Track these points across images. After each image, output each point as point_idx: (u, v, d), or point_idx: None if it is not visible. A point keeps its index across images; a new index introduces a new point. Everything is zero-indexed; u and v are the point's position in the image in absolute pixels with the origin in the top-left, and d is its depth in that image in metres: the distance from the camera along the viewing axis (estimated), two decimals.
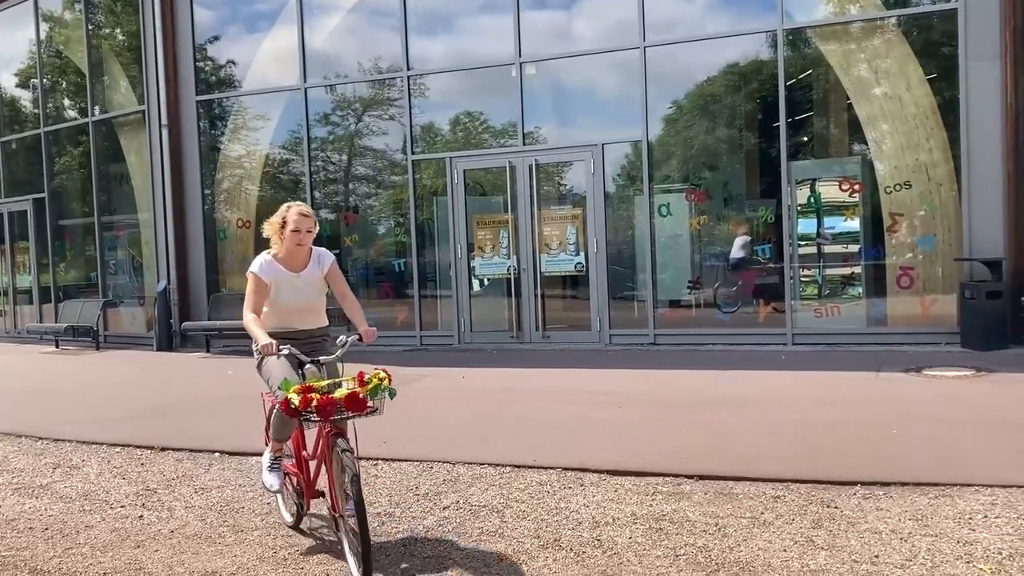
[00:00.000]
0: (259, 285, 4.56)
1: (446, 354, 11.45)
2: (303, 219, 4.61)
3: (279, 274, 4.63)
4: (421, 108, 12.75)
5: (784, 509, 4.70)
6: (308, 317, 4.75)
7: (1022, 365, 8.48)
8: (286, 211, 4.66)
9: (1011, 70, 9.54)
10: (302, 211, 4.63)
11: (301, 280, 4.69)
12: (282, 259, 4.65)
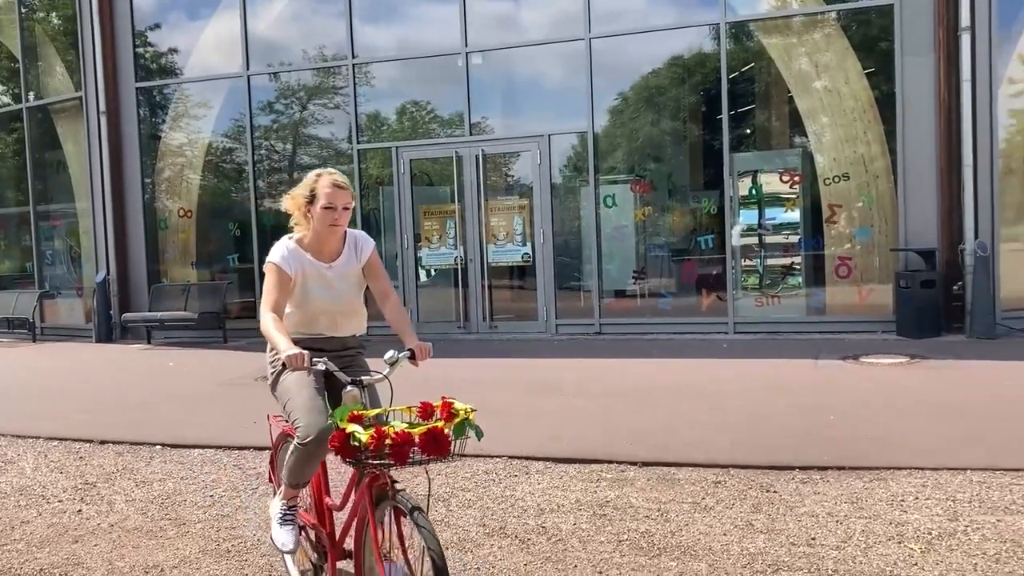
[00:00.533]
0: (282, 279, 3.56)
1: (393, 344, 11.38)
2: (339, 192, 3.56)
3: (307, 265, 3.62)
4: (367, 97, 12.66)
5: (725, 494, 4.80)
6: (342, 322, 3.73)
7: (954, 352, 8.75)
8: (315, 181, 3.61)
9: (944, 66, 9.81)
10: (336, 181, 3.59)
11: (334, 273, 3.67)
12: (309, 245, 3.65)
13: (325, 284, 3.67)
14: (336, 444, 2.92)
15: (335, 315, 3.72)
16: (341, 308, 3.72)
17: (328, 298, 3.68)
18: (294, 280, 3.60)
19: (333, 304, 3.70)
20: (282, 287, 3.58)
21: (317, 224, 3.59)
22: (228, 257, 13.49)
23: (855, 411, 6.47)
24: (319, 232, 3.62)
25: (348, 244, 3.72)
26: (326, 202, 3.56)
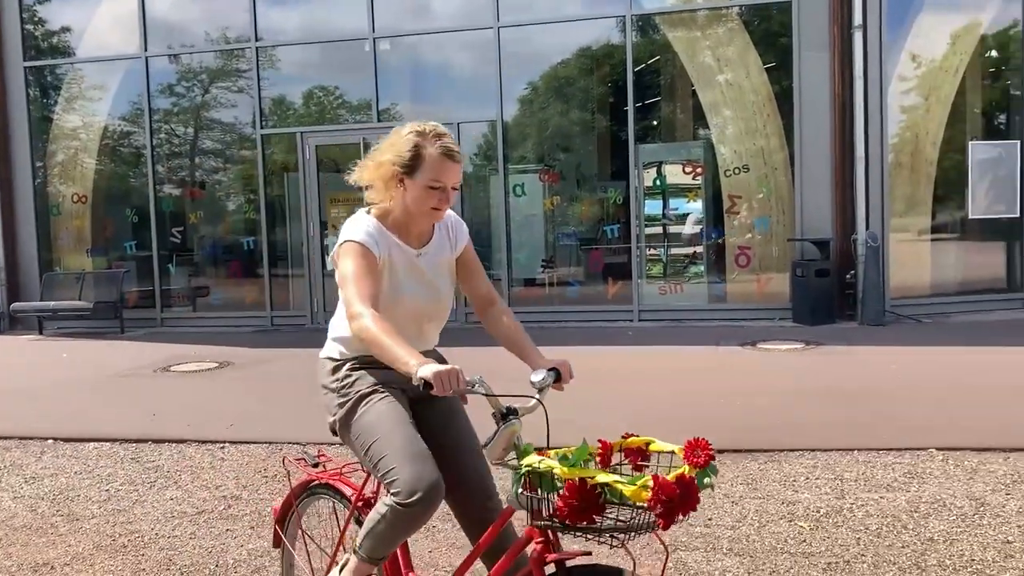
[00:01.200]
0: (371, 262, 2.56)
1: (299, 335, 11.24)
2: (451, 167, 2.58)
3: (394, 249, 2.65)
4: (272, 81, 12.38)
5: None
6: (430, 331, 2.81)
7: (846, 338, 9.13)
8: (419, 141, 2.58)
9: (838, 62, 10.18)
10: (451, 149, 2.59)
11: (426, 261, 2.72)
12: (393, 224, 2.66)
13: (418, 277, 2.70)
14: (573, 499, 2.04)
15: (424, 321, 2.75)
16: (437, 310, 2.76)
17: (423, 297, 2.70)
18: (381, 266, 2.61)
19: (427, 304, 2.72)
20: (372, 270, 2.56)
21: (412, 203, 2.60)
22: (126, 244, 13.03)
23: (752, 396, 6.69)
24: (412, 213, 2.63)
25: (438, 225, 2.77)
26: (433, 178, 2.56)
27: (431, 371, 2.20)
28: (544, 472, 2.11)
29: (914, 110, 10.79)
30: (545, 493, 2.12)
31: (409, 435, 2.50)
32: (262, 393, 7.68)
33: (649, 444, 2.28)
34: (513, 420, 2.32)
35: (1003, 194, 10.75)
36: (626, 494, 2.01)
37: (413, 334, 2.68)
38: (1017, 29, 10.75)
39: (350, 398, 2.62)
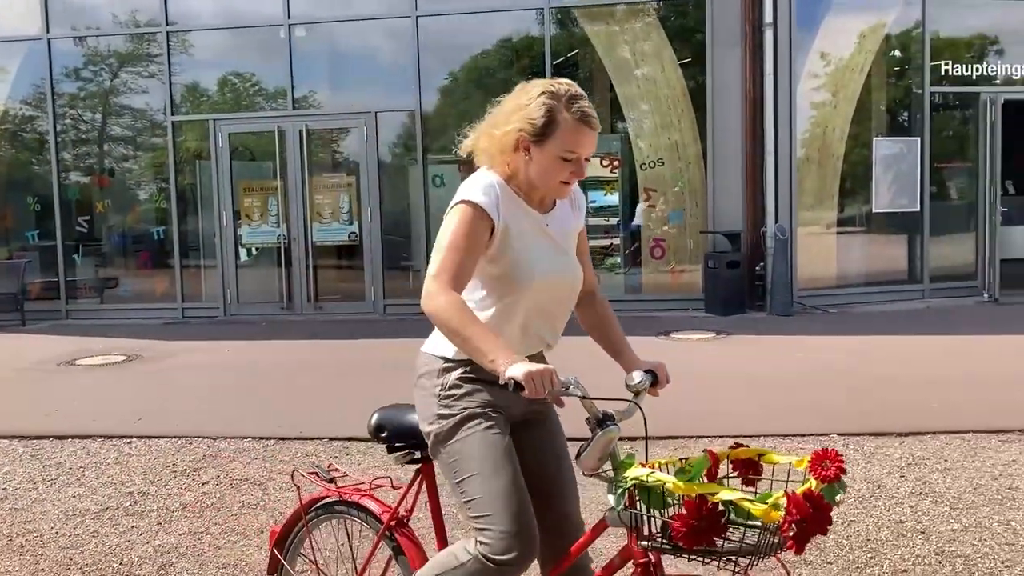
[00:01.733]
0: (478, 231, 2.15)
1: (211, 327, 10.99)
2: (588, 136, 2.19)
3: (520, 212, 2.24)
4: (184, 67, 12.03)
5: None
6: (560, 320, 2.39)
7: (755, 328, 9.38)
8: (550, 101, 2.19)
9: (750, 59, 10.43)
10: (588, 114, 2.19)
11: (555, 230, 2.33)
12: (516, 187, 2.27)
13: (551, 248, 2.28)
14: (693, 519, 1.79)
15: (558, 306, 2.33)
16: (573, 291, 2.36)
17: (558, 272, 2.28)
18: (497, 236, 2.17)
19: (564, 282, 2.31)
20: (477, 245, 2.13)
21: (537, 175, 2.21)
22: (27, 234, 12.51)
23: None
24: (534, 185, 2.25)
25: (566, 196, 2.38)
26: (567, 148, 2.17)
27: (523, 371, 1.91)
28: (653, 487, 1.88)
29: (823, 106, 11.11)
30: (653, 510, 1.89)
31: (514, 481, 2.17)
32: (172, 387, 7.50)
33: (762, 455, 2.03)
34: (611, 426, 2.04)
35: (905, 189, 11.18)
36: (755, 514, 1.77)
37: (543, 326, 2.32)
38: (919, 31, 11.17)
39: (455, 415, 2.23)
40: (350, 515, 2.69)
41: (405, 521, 2.57)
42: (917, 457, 4.95)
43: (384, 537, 2.57)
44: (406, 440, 2.50)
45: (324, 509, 2.74)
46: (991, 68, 11.45)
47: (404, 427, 2.51)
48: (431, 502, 2.56)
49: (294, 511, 2.81)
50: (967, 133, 11.65)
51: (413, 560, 2.51)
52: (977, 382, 6.66)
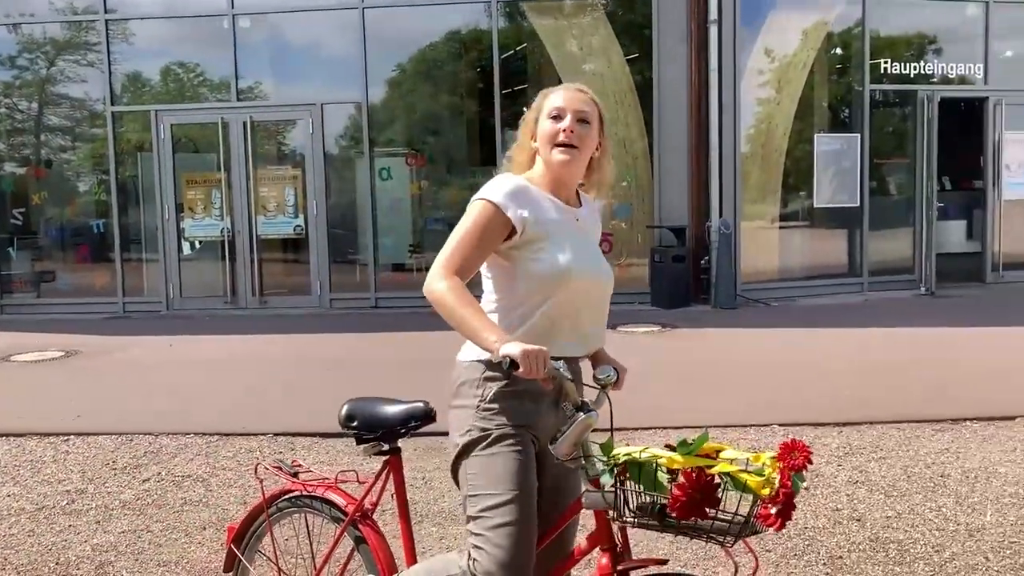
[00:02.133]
0: (493, 227, 2.21)
1: (153, 321, 10.79)
2: (570, 93, 2.34)
3: (548, 207, 2.29)
4: (125, 56, 11.76)
5: None
6: (599, 320, 2.40)
7: (699, 321, 9.51)
8: (542, 97, 2.39)
9: (695, 55, 10.55)
10: (571, 85, 2.40)
11: (586, 225, 2.40)
12: (541, 183, 2.34)
13: (584, 241, 2.32)
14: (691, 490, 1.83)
15: (595, 306, 2.34)
16: (607, 288, 2.36)
17: (593, 267, 2.31)
18: (521, 233, 2.21)
19: (598, 278, 2.32)
20: (486, 241, 2.20)
21: (542, 149, 2.31)
22: None
23: None
24: (550, 167, 2.30)
25: (586, 202, 2.46)
26: (552, 107, 2.31)
27: (519, 349, 1.96)
28: (645, 463, 1.88)
29: (767, 103, 11.29)
30: (640, 487, 1.91)
31: (524, 511, 2.16)
32: (112, 383, 7.36)
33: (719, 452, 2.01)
34: (591, 412, 2.06)
35: (845, 184, 11.41)
36: (751, 485, 1.83)
37: (582, 326, 2.29)
38: (860, 29, 11.41)
39: (489, 432, 2.20)
40: (313, 509, 2.67)
41: (370, 514, 2.58)
42: (854, 446, 5.07)
43: (348, 529, 2.56)
44: (375, 431, 2.51)
45: (287, 503, 2.72)
46: (929, 66, 11.75)
47: (374, 418, 2.53)
48: (398, 495, 2.54)
49: (255, 506, 2.78)
50: (905, 130, 11.93)
51: (376, 551, 2.51)
52: (913, 373, 6.84)
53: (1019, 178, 11.92)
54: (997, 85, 11.76)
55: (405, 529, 2.52)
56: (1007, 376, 6.61)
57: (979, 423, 5.46)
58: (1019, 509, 4.10)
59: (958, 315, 9.59)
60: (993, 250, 11.89)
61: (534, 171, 2.35)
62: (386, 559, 2.51)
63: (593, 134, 2.31)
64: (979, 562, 3.57)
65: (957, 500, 4.23)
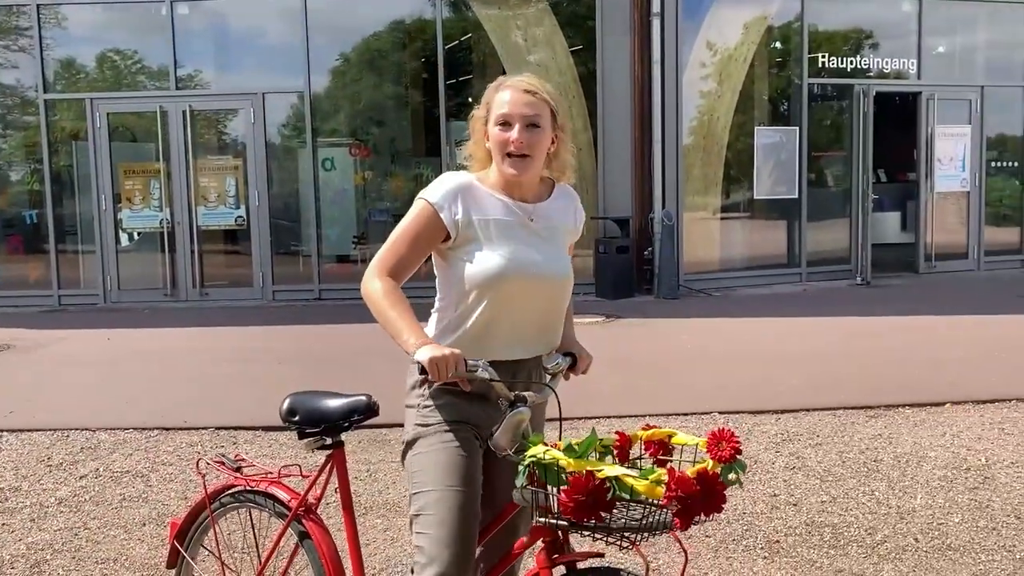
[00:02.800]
0: (427, 227, 2.22)
1: (90, 315, 10.54)
2: (515, 97, 2.22)
3: (491, 207, 2.24)
4: (58, 42, 11.43)
5: None
6: (551, 321, 2.34)
7: (643, 311, 9.62)
8: (492, 92, 2.29)
9: (639, 47, 10.64)
10: (512, 82, 2.27)
11: (541, 222, 2.29)
12: (495, 183, 2.28)
13: (530, 240, 2.24)
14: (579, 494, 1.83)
15: (542, 303, 2.26)
16: (556, 287, 2.28)
17: (536, 266, 2.22)
18: (456, 235, 2.20)
19: (543, 276, 2.24)
20: (421, 242, 2.22)
21: (494, 156, 2.25)
22: None
23: None
24: (504, 175, 2.25)
25: (559, 193, 2.37)
26: (499, 113, 2.21)
27: (427, 355, 1.98)
28: (549, 464, 1.90)
29: (709, 96, 11.44)
30: (552, 488, 1.91)
31: (466, 507, 2.16)
32: (47, 377, 7.18)
33: (671, 436, 2.07)
34: (521, 408, 2.08)
35: (784, 176, 11.64)
36: (638, 489, 1.81)
37: (523, 329, 2.23)
38: (798, 23, 11.62)
39: (427, 429, 2.22)
40: (257, 504, 2.64)
41: (313, 508, 2.55)
42: (791, 433, 5.20)
43: (291, 524, 2.53)
44: (317, 425, 2.49)
45: (230, 498, 2.68)
46: (865, 61, 12.03)
47: (316, 412, 2.50)
48: (341, 489, 2.51)
49: (197, 502, 2.73)
50: (842, 123, 12.21)
51: (320, 545, 2.49)
52: (848, 361, 7.02)
53: (951, 171, 12.29)
54: (930, 80, 12.09)
55: (349, 522, 2.50)
56: (938, 364, 6.82)
57: (911, 409, 5.64)
58: (947, 492, 4.25)
59: (892, 304, 9.86)
60: (926, 241, 12.24)
61: (492, 169, 2.29)
62: (330, 553, 2.49)
63: (545, 135, 2.25)
64: (909, 543, 3.69)
65: (889, 484, 4.36)
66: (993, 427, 5.25)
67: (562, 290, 2.30)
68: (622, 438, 2.07)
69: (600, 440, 2.03)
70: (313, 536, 2.51)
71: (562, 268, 2.30)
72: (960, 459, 4.70)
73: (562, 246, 2.34)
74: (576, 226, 2.41)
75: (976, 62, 12.74)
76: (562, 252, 2.33)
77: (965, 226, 12.46)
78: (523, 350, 2.26)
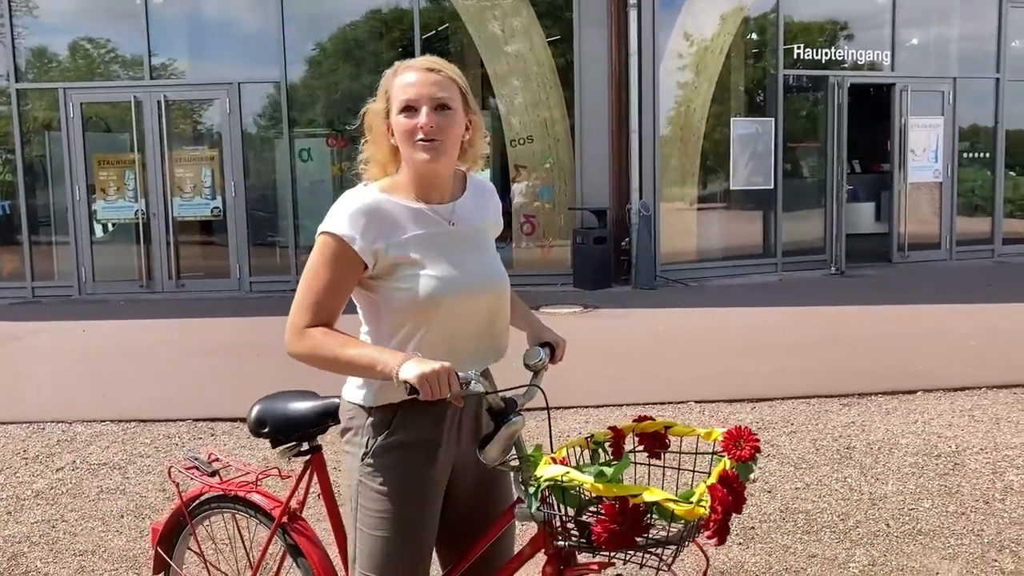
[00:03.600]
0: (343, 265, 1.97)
1: (65, 307, 10.45)
2: (417, 77, 1.99)
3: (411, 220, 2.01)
4: (30, 30, 11.29)
5: None
6: (497, 328, 2.15)
7: (620, 302, 9.67)
8: (389, 78, 2.05)
9: (615, 38, 10.67)
10: (418, 63, 2.04)
11: (461, 223, 2.08)
12: (407, 189, 2.05)
13: (460, 250, 2.04)
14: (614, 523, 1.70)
15: (486, 318, 2.08)
16: (497, 297, 2.10)
17: (469, 281, 2.02)
18: (374, 263, 1.97)
19: (485, 288, 2.06)
20: (340, 281, 1.97)
21: (401, 147, 2.01)
22: None
23: None
24: (415, 167, 2.01)
25: (471, 187, 2.16)
26: (401, 99, 1.98)
27: (415, 373, 1.75)
28: (568, 486, 1.76)
29: (686, 86, 11.48)
30: (568, 508, 1.80)
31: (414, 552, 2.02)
32: (22, 370, 7.13)
33: (668, 428, 1.98)
34: (515, 419, 1.91)
35: (760, 167, 11.72)
36: (679, 514, 1.68)
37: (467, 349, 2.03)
38: (774, 14, 11.69)
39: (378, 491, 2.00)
40: (237, 510, 2.52)
41: (298, 514, 2.42)
42: (767, 421, 5.26)
43: (277, 533, 2.41)
44: (290, 433, 2.33)
45: (207, 505, 2.54)
46: (839, 53, 12.13)
47: (287, 419, 2.33)
48: (324, 495, 2.39)
49: (175, 509, 2.60)
50: (817, 114, 12.30)
51: (310, 554, 2.37)
52: (822, 350, 7.11)
53: (924, 162, 12.43)
54: (903, 72, 12.21)
55: (337, 529, 2.35)
56: (910, 352, 6.92)
57: (883, 397, 5.72)
58: (918, 478, 4.32)
59: (866, 294, 9.98)
60: (899, 231, 12.38)
61: (399, 174, 2.05)
62: (320, 562, 2.37)
63: (458, 117, 2.00)
64: (880, 529, 3.76)
65: (862, 471, 4.43)
66: (963, 414, 5.34)
67: (501, 297, 2.11)
68: (617, 433, 1.99)
69: (591, 436, 1.98)
70: (300, 546, 2.39)
71: (496, 274, 2.11)
72: (931, 446, 4.78)
73: (490, 247, 2.16)
74: (496, 219, 2.22)
75: (949, 54, 12.88)
76: (492, 255, 2.15)
77: (938, 216, 12.61)
78: (474, 363, 2.01)
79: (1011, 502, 4.01)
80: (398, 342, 1.99)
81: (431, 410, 1.94)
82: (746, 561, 3.51)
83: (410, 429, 2.01)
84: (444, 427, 2.03)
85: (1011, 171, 13.24)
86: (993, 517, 3.86)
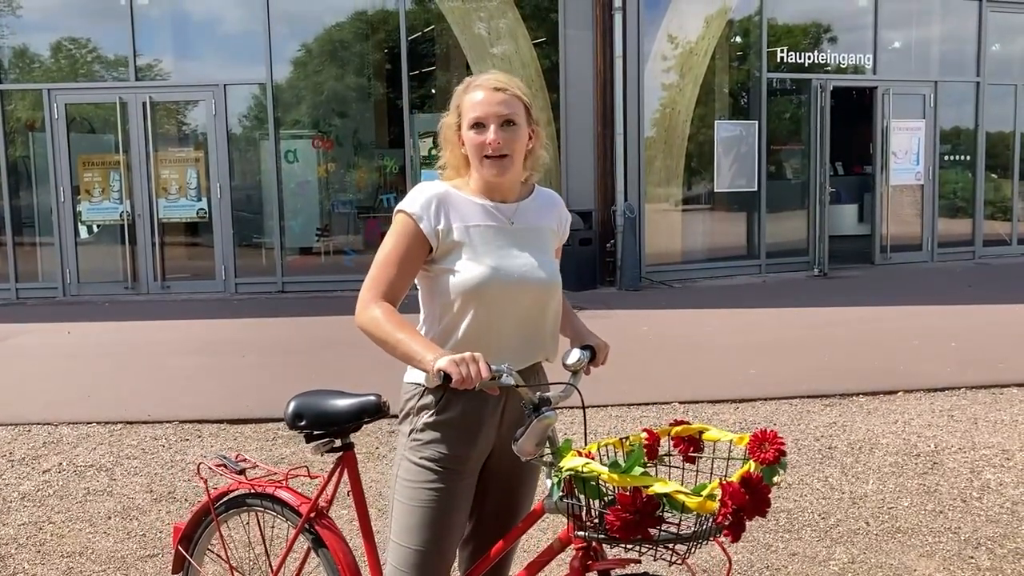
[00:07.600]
0: (412, 243, 2.14)
1: (49, 308, 10.42)
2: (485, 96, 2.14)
3: (474, 212, 2.18)
4: (13, 30, 11.26)
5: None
6: (543, 328, 2.28)
7: (606, 303, 9.73)
8: (460, 94, 2.22)
9: (600, 41, 10.73)
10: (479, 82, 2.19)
11: (521, 222, 2.23)
12: (475, 188, 2.22)
13: (516, 244, 2.18)
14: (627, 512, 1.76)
15: (530, 312, 2.19)
16: (545, 292, 2.21)
17: (520, 273, 2.15)
18: (437, 244, 2.14)
19: (531, 282, 2.17)
20: (409, 258, 2.13)
21: (474, 163, 2.18)
22: None
23: None
24: (485, 178, 2.19)
25: (540, 195, 2.33)
26: (471, 117, 2.14)
27: (448, 360, 1.86)
28: (588, 477, 1.84)
29: (670, 88, 11.56)
30: (589, 499, 1.86)
31: (442, 555, 2.16)
32: (7, 372, 7.11)
33: (703, 432, 2.02)
34: (547, 413, 1.96)
35: (744, 169, 11.81)
36: (690, 506, 1.73)
37: (513, 339, 2.16)
38: (758, 17, 11.79)
39: (417, 464, 2.15)
40: (264, 508, 2.53)
41: (325, 512, 2.45)
42: (750, 422, 5.32)
43: (303, 530, 2.43)
44: (325, 428, 2.37)
45: (234, 503, 2.57)
46: (822, 56, 12.24)
47: (324, 414, 2.38)
48: (354, 491, 2.41)
49: (200, 506, 2.63)
50: (800, 117, 12.41)
51: (335, 551, 2.39)
52: (805, 351, 7.18)
53: (905, 164, 12.56)
54: (885, 75, 12.34)
55: (364, 525, 2.38)
56: (891, 353, 7.01)
57: (864, 398, 5.80)
58: (898, 477, 4.39)
59: (848, 295, 10.07)
60: (881, 233, 12.50)
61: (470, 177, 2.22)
62: (346, 560, 2.39)
63: (522, 132, 2.16)
64: (860, 527, 3.83)
65: (842, 470, 4.50)
66: (943, 414, 5.42)
67: (548, 294, 2.22)
68: (651, 436, 2.03)
69: (627, 439, 2.02)
70: (327, 544, 2.41)
71: (547, 272, 2.20)
72: (910, 446, 4.85)
73: (547, 249, 2.26)
74: (560, 228, 2.35)
75: (930, 57, 13.03)
76: (547, 255, 2.25)
77: (919, 218, 12.75)
78: (517, 356, 2.15)
79: (988, 501, 4.09)
80: (444, 327, 2.15)
81: (476, 395, 2.02)
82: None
83: (455, 410, 2.14)
84: (487, 412, 2.16)
85: (992, 173, 13.40)
86: (970, 515, 3.93)
